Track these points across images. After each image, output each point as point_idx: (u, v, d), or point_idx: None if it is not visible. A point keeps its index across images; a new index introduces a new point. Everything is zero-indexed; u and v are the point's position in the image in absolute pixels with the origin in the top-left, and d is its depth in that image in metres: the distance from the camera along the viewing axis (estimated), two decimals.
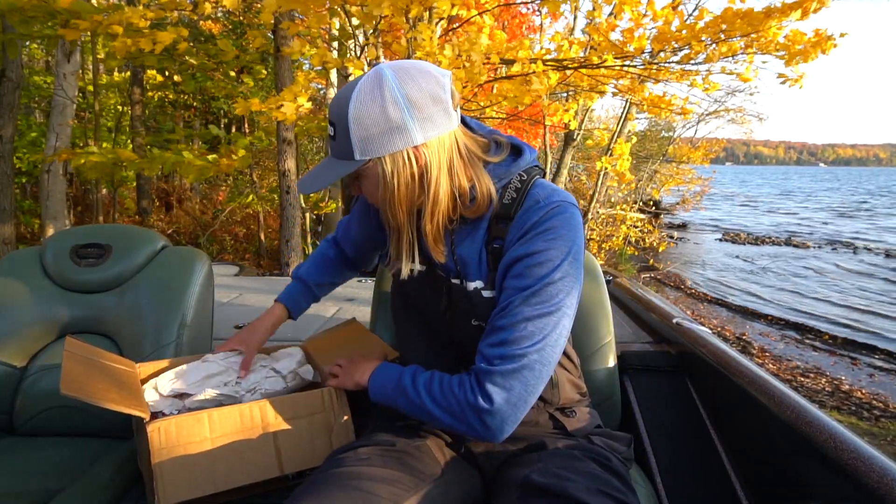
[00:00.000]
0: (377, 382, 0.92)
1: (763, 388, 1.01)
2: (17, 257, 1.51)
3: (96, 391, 0.91)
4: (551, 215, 0.84)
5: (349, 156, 0.84)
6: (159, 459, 0.91)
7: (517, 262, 0.83)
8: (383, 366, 0.94)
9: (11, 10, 2.82)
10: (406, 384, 0.87)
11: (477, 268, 0.90)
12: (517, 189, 0.88)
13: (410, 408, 0.86)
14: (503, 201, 0.88)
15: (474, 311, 0.91)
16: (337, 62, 3.02)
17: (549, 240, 0.83)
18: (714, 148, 13.07)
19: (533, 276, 0.81)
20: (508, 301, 0.82)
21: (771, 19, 2.94)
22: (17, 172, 6.48)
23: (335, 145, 0.85)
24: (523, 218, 0.86)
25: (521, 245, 0.84)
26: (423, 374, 0.88)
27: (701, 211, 18.50)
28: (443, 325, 0.97)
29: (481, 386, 0.79)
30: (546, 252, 0.82)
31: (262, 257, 7.77)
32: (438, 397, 0.83)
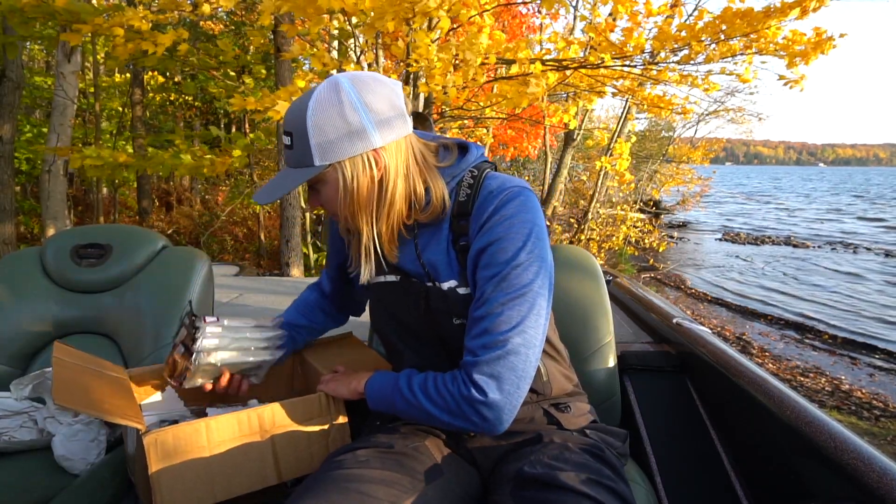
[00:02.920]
0: (374, 389, 0.93)
1: (763, 388, 1.01)
2: (17, 257, 1.51)
3: (90, 401, 0.90)
4: (505, 201, 0.86)
5: (308, 163, 0.85)
6: (157, 471, 0.89)
7: (482, 252, 0.85)
8: (379, 373, 0.95)
9: (11, 11, 2.82)
10: (402, 387, 0.88)
11: (447, 268, 0.91)
12: (470, 185, 0.90)
13: (408, 410, 0.87)
14: (459, 199, 0.90)
15: (453, 309, 0.91)
16: (335, 64, 3.02)
17: (508, 225, 0.85)
18: (714, 148, 13.08)
19: (498, 262, 0.83)
20: (481, 291, 0.84)
21: (770, 19, 2.94)
22: (17, 172, 6.48)
23: (292, 154, 0.87)
24: (480, 210, 0.87)
25: (483, 235, 0.86)
26: (418, 375, 0.89)
27: (701, 211, 18.51)
28: (427, 329, 0.97)
29: (471, 378, 0.80)
30: (507, 238, 0.84)
31: (262, 257, 7.77)
32: (434, 396, 0.83)
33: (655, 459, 1.17)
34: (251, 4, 4.58)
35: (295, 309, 1.22)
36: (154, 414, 1.11)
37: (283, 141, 0.88)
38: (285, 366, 1.33)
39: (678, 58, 3.39)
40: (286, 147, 0.88)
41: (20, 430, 1.16)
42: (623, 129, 8.12)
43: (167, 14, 3.37)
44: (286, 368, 1.33)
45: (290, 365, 1.32)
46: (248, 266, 6.61)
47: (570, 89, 4.37)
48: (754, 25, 2.98)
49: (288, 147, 0.87)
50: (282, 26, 3.38)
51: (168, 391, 1.19)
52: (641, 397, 1.32)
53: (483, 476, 0.95)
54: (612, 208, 10.82)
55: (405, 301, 0.96)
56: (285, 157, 0.89)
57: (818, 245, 13.61)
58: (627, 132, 8.41)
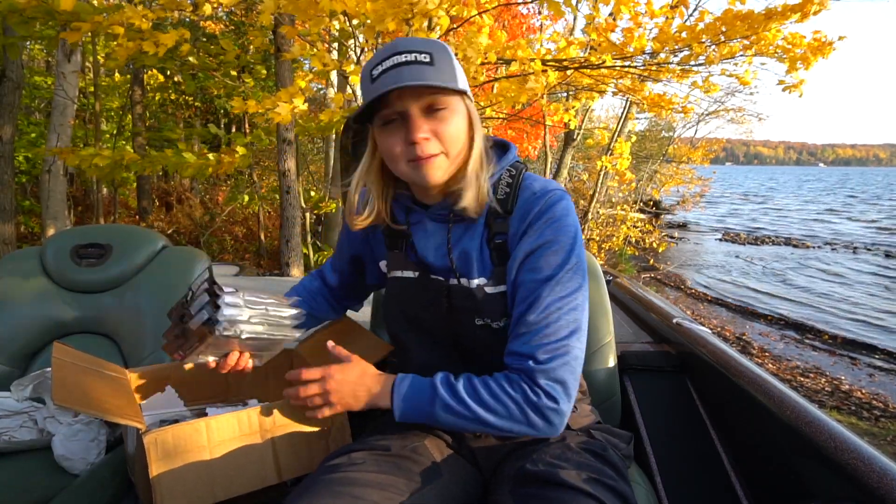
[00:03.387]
0: (405, 402, 0.84)
1: (763, 388, 1.01)
2: (17, 257, 1.51)
3: (90, 400, 0.90)
4: (551, 203, 0.87)
5: (451, 82, 0.83)
6: (157, 471, 0.89)
7: (531, 254, 0.85)
8: (404, 382, 0.86)
9: (11, 11, 2.82)
10: (444, 397, 0.82)
11: (479, 265, 0.90)
12: (509, 184, 0.90)
13: (455, 421, 0.82)
14: (498, 196, 0.89)
15: (478, 309, 0.89)
16: (335, 64, 3.02)
17: (556, 228, 0.85)
18: (714, 148, 13.08)
19: (551, 266, 0.84)
20: (534, 295, 0.83)
21: (771, 21, 2.94)
22: (17, 172, 6.48)
23: (432, 71, 0.82)
24: (524, 210, 0.87)
25: (531, 237, 0.86)
26: (460, 382, 0.84)
27: (701, 211, 18.51)
28: (443, 329, 0.95)
29: (538, 384, 0.80)
30: (557, 240, 0.85)
31: (262, 257, 7.77)
32: (492, 404, 0.80)
33: (655, 459, 1.17)
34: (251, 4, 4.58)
35: (296, 294, 1.16)
36: (154, 414, 1.11)
37: (406, 57, 0.82)
38: (283, 364, 1.33)
39: (678, 58, 3.39)
40: (421, 64, 0.82)
41: (20, 430, 1.16)
42: (623, 128, 8.12)
43: (168, 13, 3.37)
44: (284, 366, 1.33)
45: (287, 363, 1.32)
46: (248, 266, 6.61)
47: (570, 88, 4.37)
48: (755, 28, 2.98)
49: (426, 63, 0.82)
50: (282, 27, 3.38)
51: (168, 391, 1.19)
52: (641, 397, 1.32)
53: (484, 476, 0.95)
54: (612, 208, 10.82)
55: (422, 298, 0.95)
56: (415, 74, 0.81)
57: (818, 245, 13.61)
58: (628, 132, 8.41)
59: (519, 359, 0.82)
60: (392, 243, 0.99)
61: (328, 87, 6.82)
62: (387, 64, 0.82)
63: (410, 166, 0.85)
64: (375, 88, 0.82)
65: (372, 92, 0.83)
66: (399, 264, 0.98)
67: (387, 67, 0.82)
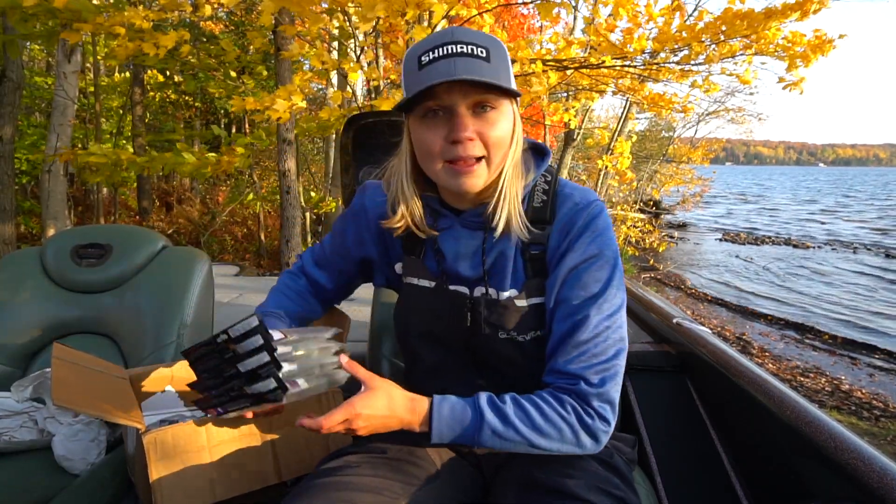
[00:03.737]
0: (447, 428, 0.78)
1: (763, 388, 1.01)
2: (17, 257, 1.51)
3: (89, 401, 0.90)
4: (594, 215, 0.84)
5: (504, 82, 0.77)
6: (157, 471, 0.89)
7: (575, 269, 0.82)
8: (445, 406, 0.78)
9: (12, 8, 2.82)
10: (491, 422, 0.77)
11: (511, 276, 0.85)
12: (545, 191, 0.86)
13: (503, 445, 0.78)
14: (534, 204, 0.85)
15: (506, 322, 0.85)
16: (335, 63, 3.02)
17: (601, 241, 0.83)
18: (714, 148, 13.08)
19: (598, 281, 0.81)
20: (582, 314, 0.80)
21: (771, 20, 2.94)
22: (17, 173, 6.48)
23: (487, 67, 0.76)
24: (566, 222, 0.84)
25: (576, 252, 0.82)
26: (505, 405, 0.79)
27: (701, 211, 18.50)
28: (459, 340, 0.89)
29: (591, 406, 0.78)
30: (603, 254, 0.82)
31: (262, 257, 7.77)
32: (545, 428, 0.78)
33: (656, 459, 1.17)
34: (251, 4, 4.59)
35: (286, 297, 1.04)
36: (154, 414, 1.11)
37: (462, 48, 0.75)
38: None
39: (678, 58, 3.39)
40: (477, 58, 0.76)
41: (20, 430, 1.16)
42: (623, 128, 8.12)
43: (168, 14, 3.37)
44: None
45: None
46: (248, 266, 6.61)
47: (570, 88, 4.37)
48: (755, 27, 2.98)
49: (482, 59, 0.76)
50: (281, 27, 3.38)
51: (168, 391, 1.19)
52: (641, 397, 1.32)
53: (486, 478, 0.93)
54: (612, 208, 10.82)
55: (438, 309, 0.89)
56: (470, 68, 0.75)
57: (818, 245, 13.61)
58: (628, 131, 8.41)
59: (569, 379, 0.80)
60: (409, 248, 0.93)
61: (328, 86, 6.82)
62: (439, 52, 0.75)
63: (446, 169, 0.79)
64: (423, 78, 0.75)
65: (418, 81, 0.76)
66: (415, 271, 0.92)
67: (439, 56, 0.75)
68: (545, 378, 0.83)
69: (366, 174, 1.95)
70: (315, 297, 1.07)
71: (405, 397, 0.78)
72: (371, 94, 3.70)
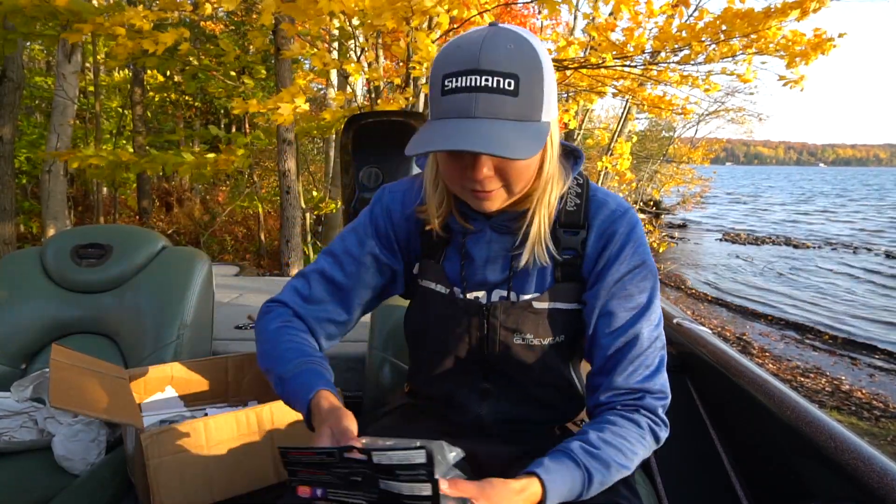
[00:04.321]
0: (558, 493, 0.71)
1: (763, 388, 1.01)
2: (17, 257, 1.51)
3: (88, 401, 0.90)
4: (634, 224, 0.83)
5: (533, 116, 0.70)
6: (156, 471, 0.89)
7: (621, 280, 0.82)
8: (553, 480, 0.70)
9: (13, 10, 2.83)
10: (594, 473, 0.73)
11: (538, 279, 0.84)
12: (578, 194, 0.84)
13: (605, 485, 0.76)
14: (567, 208, 0.84)
15: (521, 325, 0.84)
16: (336, 63, 3.02)
17: (644, 251, 0.83)
18: (714, 148, 13.08)
19: (643, 291, 0.82)
20: (634, 328, 0.80)
21: (771, 19, 2.94)
22: (17, 172, 6.48)
23: (513, 103, 0.69)
24: (605, 230, 0.83)
25: (623, 262, 0.82)
26: (597, 448, 0.74)
27: (702, 211, 18.50)
28: (469, 346, 0.87)
29: (659, 416, 0.80)
30: (646, 264, 0.83)
31: (262, 257, 7.77)
32: (633, 456, 0.77)
33: (656, 459, 1.17)
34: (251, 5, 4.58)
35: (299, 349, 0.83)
36: (154, 414, 1.11)
37: (487, 81, 0.68)
38: None
39: (678, 58, 3.40)
40: (503, 93, 0.68)
41: (20, 430, 1.16)
42: (623, 128, 8.12)
43: (168, 13, 3.37)
44: None
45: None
46: (248, 266, 6.61)
47: (570, 89, 4.37)
48: (755, 26, 2.98)
49: (508, 93, 0.68)
50: (282, 25, 3.38)
51: (168, 391, 1.19)
52: None
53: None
54: None
55: (451, 314, 0.87)
56: (490, 106, 0.69)
57: (818, 245, 13.60)
58: (628, 132, 8.41)
59: (634, 395, 0.80)
60: (429, 251, 0.90)
61: (328, 86, 6.82)
62: (462, 81, 0.69)
63: (467, 192, 0.78)
64: (443, 108, 0.71)
65: (437, 110, 0.72)
66: (432, 275, 0.89)
67: (460, 87, 0.69)
68: (603, 396, 0.81)
69: (366, 174, 1.96)
70: (325, 340, 0.91)
71: (517, 488, 0.69)
72: (371, 95, 3.69)
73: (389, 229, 0.90)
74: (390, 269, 0.91)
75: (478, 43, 0.70)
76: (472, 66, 0.69)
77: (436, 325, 0.90)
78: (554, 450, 0.75)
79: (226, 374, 1.28)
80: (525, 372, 0.88)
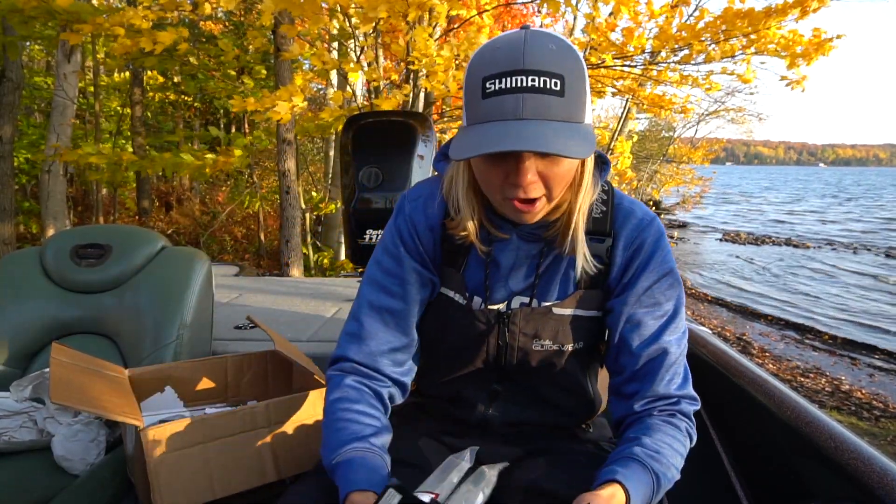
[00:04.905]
0: (639, 496, 0.71)
1: (763, 388, 1.01)
2: (17, 257, 1.51)
3: (88, 398, 0.90)
4: (661, 233, 0.84)
5: (579, 118, 0.69)
6: (156, 469, 0.89)
7: (650, 288, 0.82)
8: (634, 486, 0.71)
9: (12, 11, 2.83)
10: (662, 478, 0.74)
11: (562, 286, 0.84)
12: (604, 201, 0.84)
13: (665, 488, 0.77)
14: (593, 215, 0.83)
15: (541, 331, 0.84)
16: (335, 63, 3.02)
17: (670, 259, 0.83)
18: (714, 148, 13.09)
19: (670, 300, 0.82)
20: (665, 336, 0.81)
21: (771, 19, 2.94)
22: (17, 173, 6.48)
23: (561, 104, 0.67)
24: (634, 238, 0.83)
25: (652, 270, 0.82)
26: (659, 454, 0.75)
27: (702, 211, 18.51)
28: (486, 352, 0.87)
29: (692, 418, 0.82)
30: (672, 272, 0.83)
31: (262, 257, 7.78)
32: (681, 457, 0.79)
33: None
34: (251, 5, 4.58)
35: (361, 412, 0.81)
36: (153, 414, 1.11)
37: (534, 81, 0.66)
38: (282, 367, 1.33)
39: (678, 57, 3.40)
40: (550, 93, 0.67)
41: (20, 430, 1.16)
42: (623, 128, 8.12)
43: (168, 13, 3.37)
44: (283, 369, 1.33)
45: (288, 365, 1.32)
46: (248, 266, 6.61)
47: None
48: (755, 25, 2.98)
49: (555, 93, 0.67)
50: (282, 27, 3.38)
51: (168, 391, 1.19)
52: None
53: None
54: None
55: (469, 323, 0.86)
56: (539, 108, 0.67)
57: (818, 245, 13.61)
58: (628, 131, 8.41)
59: (672, 401, 0.81)
60: (450, 259, 0.87)
61: (328, 86, 6.82)
62: (506, 83, 0.67)
63: (507, 203, 0.75)
64: (486, 111, 0.68)
65: (481, 114, 0.69)
66: (452, 284, 0.87)
67: (505, 88, 0.67)
68: (639, 404, 0.81)
69: (365, 174, 1.96)
70: (392, 369, 0.86)
71: (606, 496, 0.68)
72: (371, 95, 3.69)
73: (417, 241, 0.87)
74: (430, 280, 0.88)
75: (519, 44, 0.68)
76: (517, 67, 0.66)
77: (452, 334, 0.88)
78: (617, 457, 0.75)
79: (225, 375, 1.28)
80: (540, 376, 0.87)
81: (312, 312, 2.26)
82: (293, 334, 1.91)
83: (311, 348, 1.82)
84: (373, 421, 0.80)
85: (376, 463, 0.74)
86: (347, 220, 2.02)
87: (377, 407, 0.82)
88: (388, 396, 0.86)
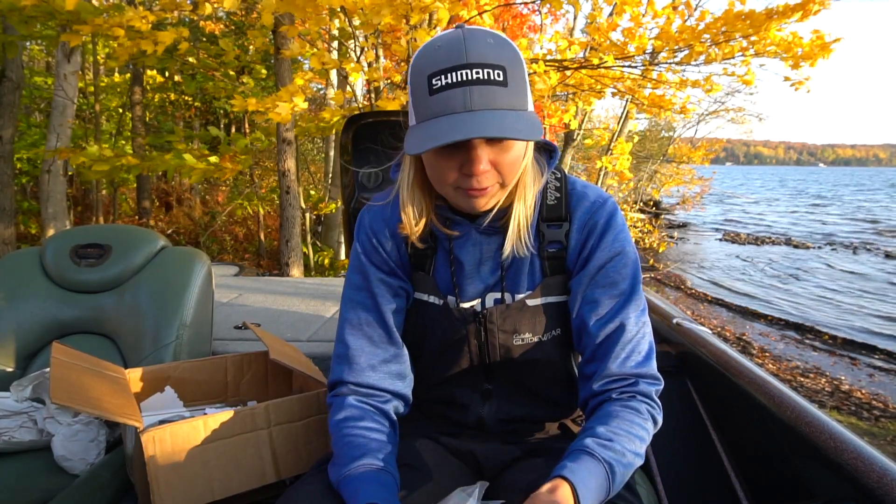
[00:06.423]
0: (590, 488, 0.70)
1: (763, 388, 1.01)
2: (17, 257, 1.51)
3: (88, 399, 0.90)
4: (613, 212, 0.84)
5: (523, 106, 0.72)
6: (155, 469, 0.89)
7: (604, 267, 0.82)
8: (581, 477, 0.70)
9: (11, 10, 2.83)
10: (624, 472, 0.73)
11: (529, 277, 0.85)
12: (557, 188, 0.86)
13: (625, 476, 0.75)
14: (548, 202, 0.85)
15: (519, 325, 0.85)
16: (335, 63, 3.02)
17: (624, 238, 0.84)
18: (714, 148, 13.08)
19: (626, 278, 0.82)
20: (621, 315, 0.81)
21: (772, 21, 2.94)
22: (17, 172, 6.48)
23: (504, 94, 0.70)
24: (586, 221, 0.84)
25: (603, 250, 0.83)
26: (611, 441, 0.74)
27: (702, 211, 18.50)
28: (469, 351, 0.88)
29: (654, 400, 0.81)
30: (626, 251, 0.83)
31: (261, 257, 7.78)
32: (640, 442, 0.77)
33: (656, 459, 1.17)
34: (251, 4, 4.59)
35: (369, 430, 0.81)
36: (153, 414, 1.11)
37: (478, 74, 0.69)
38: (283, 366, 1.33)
39: (679, 58, 3.40)
40: (494, 83, 0.69)
41: (20, 430, 1.16)
42: (623, 128, 8.12)
43: (168, 14, 3.37)
44: (282, 370, 1.33)
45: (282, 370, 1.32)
46: (248, 266, 6.61)
47: (570, 89, 4.37)
48: (756, 27, 2.98)
49: (499, 84, 0.70)
50: (282, 27, 3.38)
51: (167, 391, 1.19)
52: None
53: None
54: None
55: (448, 325, 0.87)
56: (487, 99, 0.69)
57: (818, 245, 13.61)
58: (628, 132, 8.41)
59: (628, 381, 0.80)
60: (418, 263, 0.88)
61: (328, 86, 6.82)
62: (453, 77, 0.69)
63: (460, 193, 0.76)
64: (436, 106, 0.70)
65: (430, 110, 0.70)
66: (425, 287, 0.89)
67: (452, 83, 0.69)
68: (597, 384, 0.81)
69: (365, 174, 1.96)
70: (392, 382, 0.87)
71: (545, 490, 0.69)
72: (371, 95, 3.69)
73: (380, 250, 0.88)
74: (402, 289, 0.89)
75: (459, 40, 0.70)
76: (461, 62, 0.69)
77: (433, 336, 0.89)
78: (568, 451, 0.74)
79: (225, 375, 1.28)
80: (527, 370, 0.88)
81: (312, 312, 2.26)
82: (293, 334, 1.91)
83: (311, 348, 1.82)
84: (379, 436, 0.81)
85: (383, 479, 0.75)
86: (347, 220, 2.02)
87: (382, 423, 0.83)
88: (392, 410, 0.86)
